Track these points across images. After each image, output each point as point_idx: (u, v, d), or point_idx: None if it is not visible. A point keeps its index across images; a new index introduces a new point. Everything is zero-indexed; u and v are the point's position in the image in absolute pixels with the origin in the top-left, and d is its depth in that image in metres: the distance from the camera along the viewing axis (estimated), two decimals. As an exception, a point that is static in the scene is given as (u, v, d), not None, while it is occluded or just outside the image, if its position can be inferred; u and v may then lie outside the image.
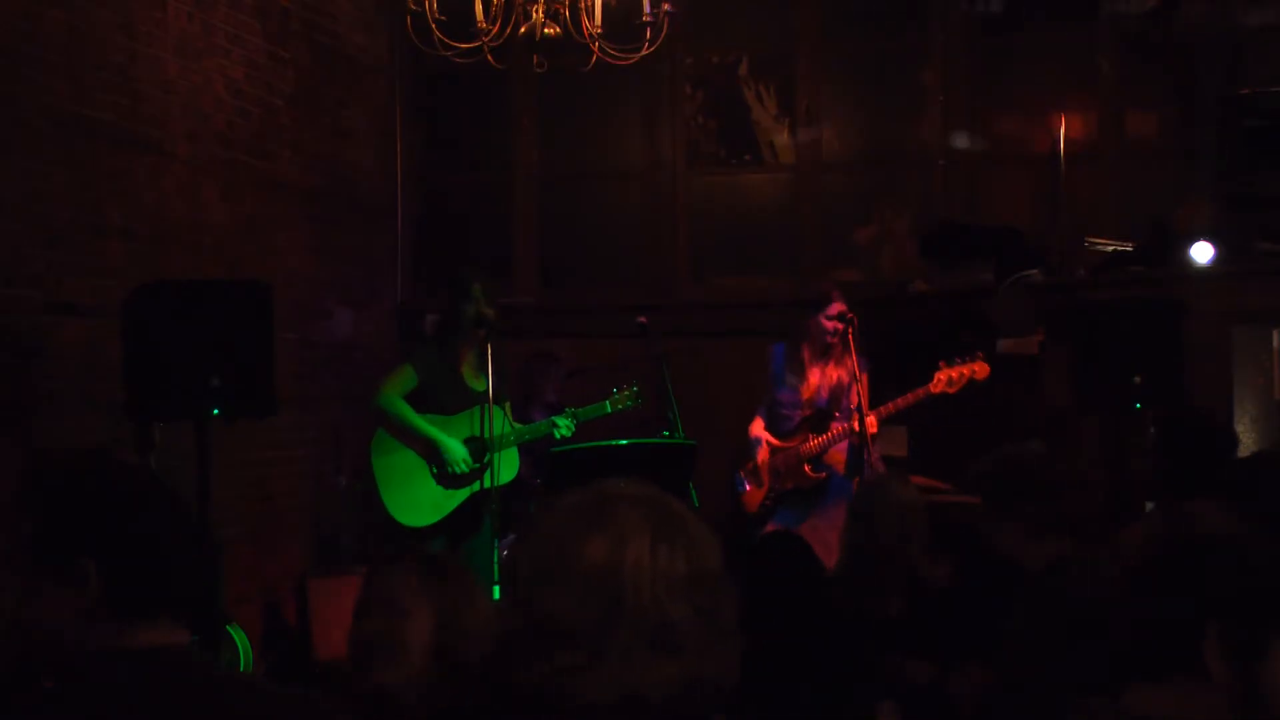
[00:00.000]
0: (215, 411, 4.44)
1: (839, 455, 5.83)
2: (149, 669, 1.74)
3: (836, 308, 5.75)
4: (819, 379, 5.89)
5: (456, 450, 5.50)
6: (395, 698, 2.51)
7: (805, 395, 5.91)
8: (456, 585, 2.63)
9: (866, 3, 7.97)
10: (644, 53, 5.01)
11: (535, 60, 4.98)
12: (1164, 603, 1.95)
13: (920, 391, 5.63)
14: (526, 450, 5.77)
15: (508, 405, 5.62)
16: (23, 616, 1.78)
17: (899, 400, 5.66)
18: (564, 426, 5.59)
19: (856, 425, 5.53)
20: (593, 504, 1.51)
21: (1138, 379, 5.06)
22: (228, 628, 5.17)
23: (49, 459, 1.86)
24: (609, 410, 5.74)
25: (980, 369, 5.60)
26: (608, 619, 1.44)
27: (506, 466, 5.40)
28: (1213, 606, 1.90)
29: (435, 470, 5.55)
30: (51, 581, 1.76)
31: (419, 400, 5.55)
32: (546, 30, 4.79)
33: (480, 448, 5.45)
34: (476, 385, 5.50)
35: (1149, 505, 5.87)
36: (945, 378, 5.60)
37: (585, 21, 4.89)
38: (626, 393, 5.75)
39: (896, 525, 3.97)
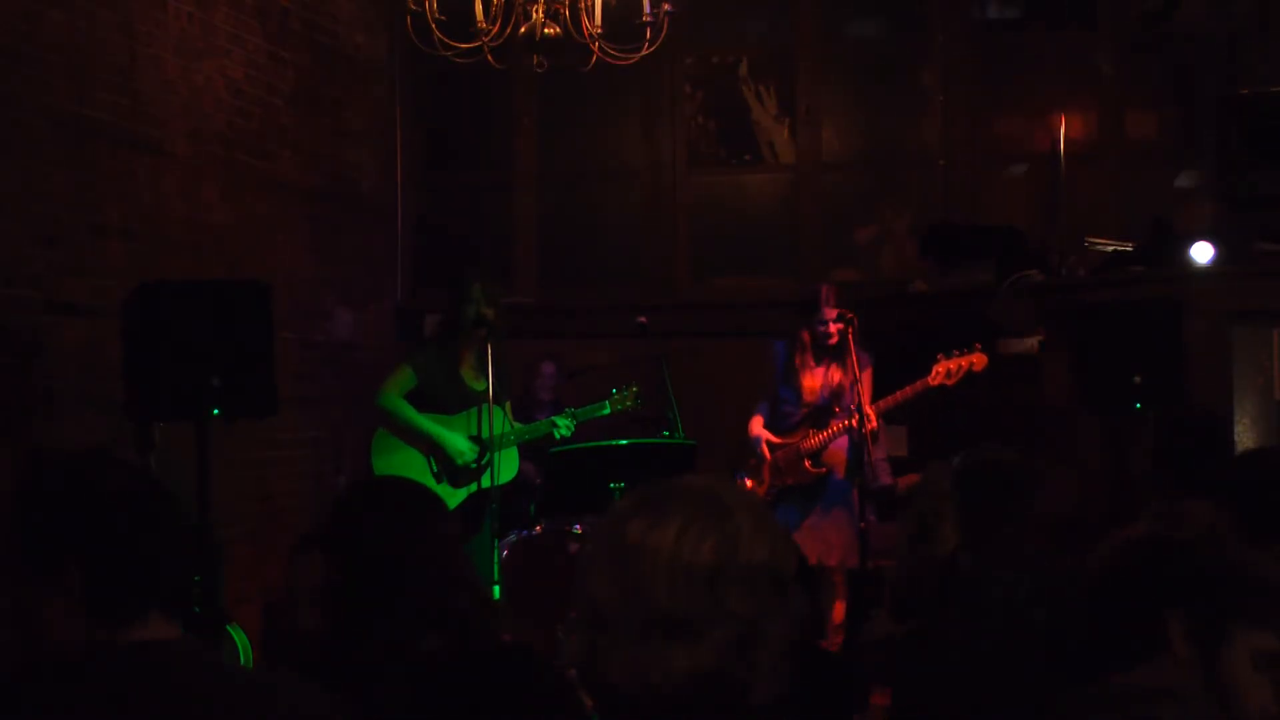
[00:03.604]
0: (215, 411, 4.43)
1: (839, 454, 5.83)
2: (136, 665, 1.74)
3: (828, 311, 5.75)
4: (819, 381, 5.89)
5: (460, 443, 5.50)
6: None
7: (806, 399, 5.91)
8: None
9: (866, 3, 7.97)
10: (644, 53, 5.01)
11: (535, 60, 4.98)
12: (1133, 592, 2.17)
13: (919, 384, 5.63)
14: (527, 450, 5.78)
15: (508, 405, 5.62)
16: (20, 614, 1.78)
17: (898, 394, 5.66)
18: (564, 426, 5.60)
19: (856, 422, 5.53)
20: (652, 491, 1.50)
21: (1138, 379, 5.06)
22: (228, 628, 5.16)
23: (40, 458, 1.87)
24: (608, 410, 5.74)
25: (978, 360, 5.61)
26: (627, 602, 1.43)
27: (506, 466, 5.41)
28: (1178, 596, 2.11)
29: (436, 469, 5.56)
30: (38, 578, 1.77)
31: (419, 401, 5.56)
32: (546, 30, 4.79)
33: (481, 447, 5.46)
34: (476, 386, 5.50)
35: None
36: (944, 370, 5.61)
37: (585, 21, 4.89)
38: (626, 393, 5.75)
39: (932, 513, 3.98)
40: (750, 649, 1.43)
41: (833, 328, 5.75)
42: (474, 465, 5.52)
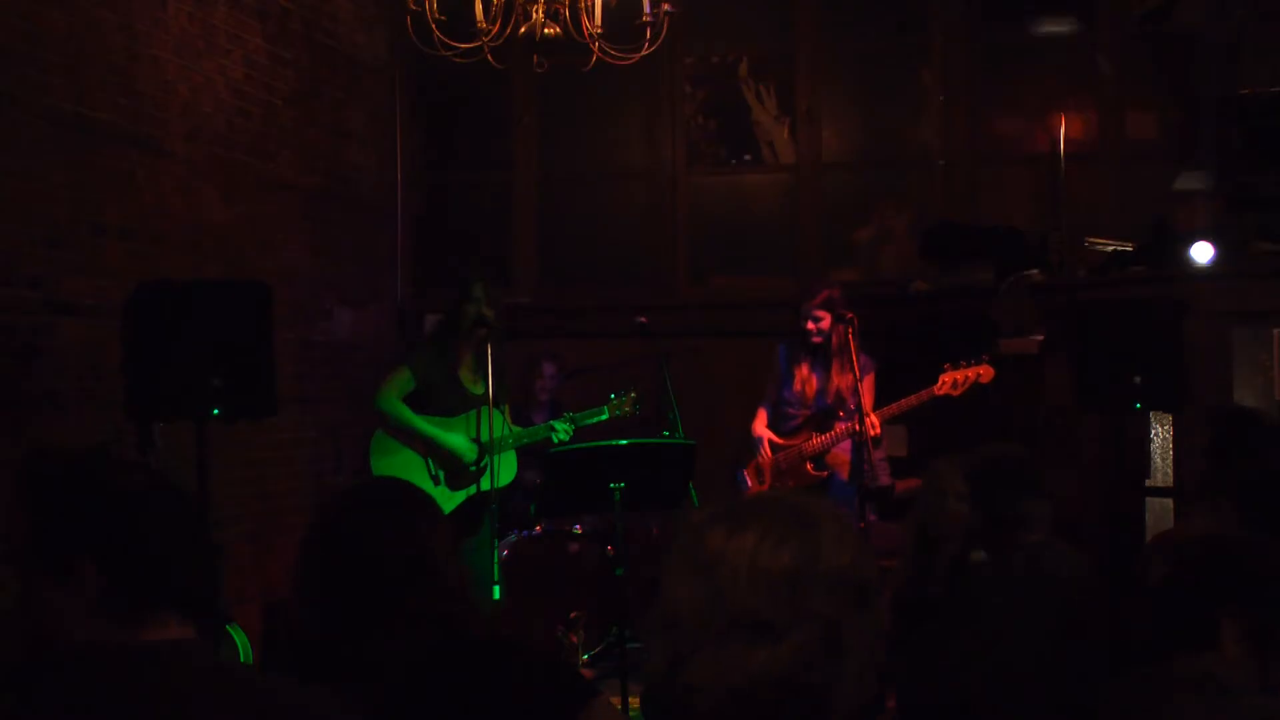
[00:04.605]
0: (215, 411, 4.44)
1: (843, 456, 5.83)
2: (151, 665, 1.73)
3: (812, 309, 5.74)
4: (810, 378, 5.88)
5: (459, 442, 5.50)
6: None
7: (799, 396, 5.91)
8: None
9: (866, 3, 7.97)
10: (644, 53, 5.01)
11: (535, 60, 4.98)
12: (1190, 593, 2.22)
13: (924, 394, 5.62)
14: (525, 451, 5.77)
15: (507, 408, 5.62)
16: (25, 614, 1.77)
17: (903, 401, 5.66)
18: (561, 431, 5.60)
19: (858, 425, 5.53)
20: (728, 504, 1.52)
21: (1138, 379, 5.06)
22: (228, 627, 5.17)
23: (48, 456, 1.84)
24: (606, 417, 5.75)
25: (985, 372, 5.59)
26: (708, 605, 1.44)
27: (505, 469, 5.40)
28: (1235, 599, 2.17)
29: (434, 471, 5.56)
30: (51, 579, 1.75)
31: (417, 402, 5.56)
32: (546, 30, 4.79)
33: (479, 450, 5.46)
34: (474, 388, 5.50)
35: (1146, 500, 5.88)
36: (950, 380, 5.59)
37: (585, 21, 4.89)
38: (624, 399, 5.75)
39: (938, 511, 3.96)
40: (833, 654, 1.43)
41: (811, 325, 5.75)
42: (473, 468, 5.52)
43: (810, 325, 5.77)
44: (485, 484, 5.32)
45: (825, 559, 1.45)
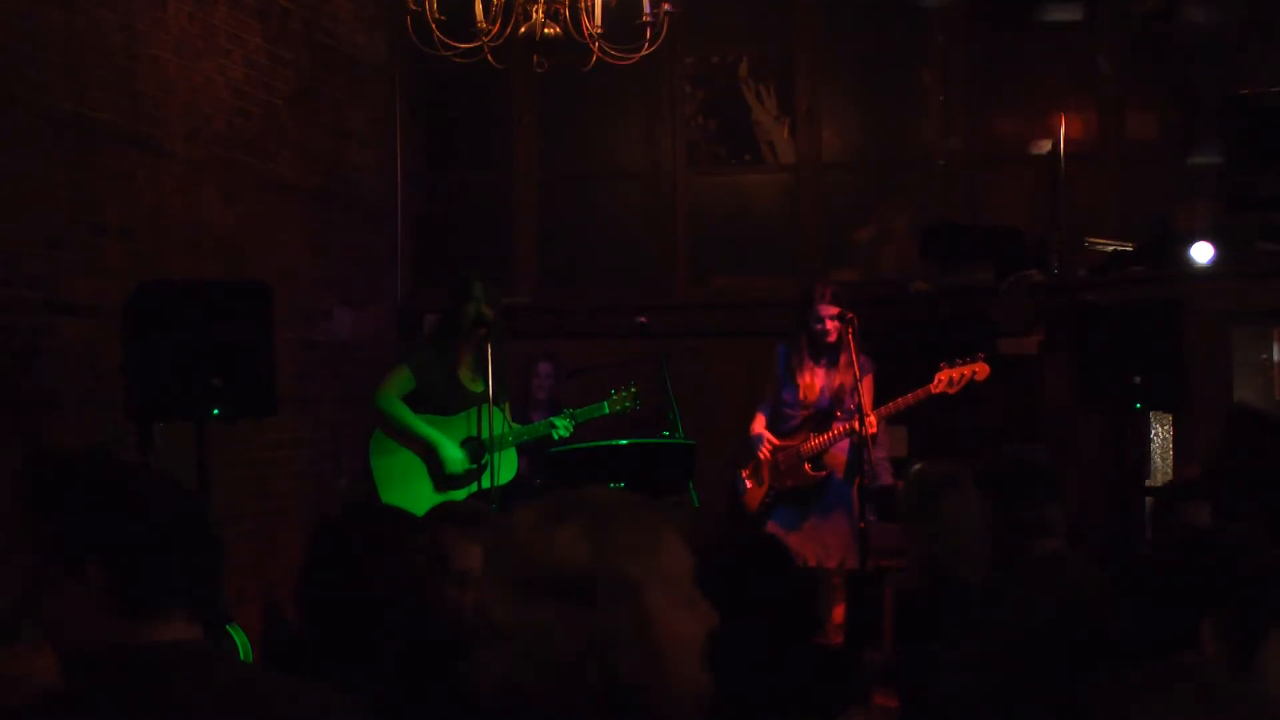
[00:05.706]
0: (215, 411, 4.44)
1: (840, 457, 5.83)
2: (154, 666, 1.73)
3: (824, 309, 5.75)
4: (814, 380, 5.88)
5: (452, 453, 5.50)
6: None
7: (800, 396, 5.91)
8: None
9: (866, 3, 7.97)
10: (644, 53, 5.01)
11: (535, 60, 4.99)
12: (1170, 591, 2.21)
13: (920, 392, 5.63)
14: (525, 450, 5.77)
15: (507, 406, 5.62)
16: (25, 613, 1.78)
17: (899, 400, 5.66)
18: (562, 427, 5.60)
19: (857, 425, 5.53)
20: (550, 498, 1.56)
21: (1138, 379, 5.06)
22: (228, 627, 5.16)
23: (54, 456, 1.84)
24: (607, 411, 5.74)
25: (981, 370, 5.59)
26: (476, 608, 1.49)
27: (505, 467, 5.41)
28: (1214, 595, 2.14)
29: (433, 471, 5.56)
30: (60, 579, 1.75)
31: (416, 401, 5.56)
32: (546, 30, 4.80)
33: (478, 449, 5.46)
34: (474, 387, 5.50)
35: (1146, 500, 5.88)
36: (946, 378, 5.59)
37: (585, 21, 4.89)
38: (625, 394, 5.75)
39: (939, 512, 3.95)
40: (550, 662, 1.42)
41: (829, 324, 5.75)
42: (473, 467, 5.52)
43: (826, 325, 5.75)
44: (486, 482, 5.33)
45: (553, 556, 1.44)
